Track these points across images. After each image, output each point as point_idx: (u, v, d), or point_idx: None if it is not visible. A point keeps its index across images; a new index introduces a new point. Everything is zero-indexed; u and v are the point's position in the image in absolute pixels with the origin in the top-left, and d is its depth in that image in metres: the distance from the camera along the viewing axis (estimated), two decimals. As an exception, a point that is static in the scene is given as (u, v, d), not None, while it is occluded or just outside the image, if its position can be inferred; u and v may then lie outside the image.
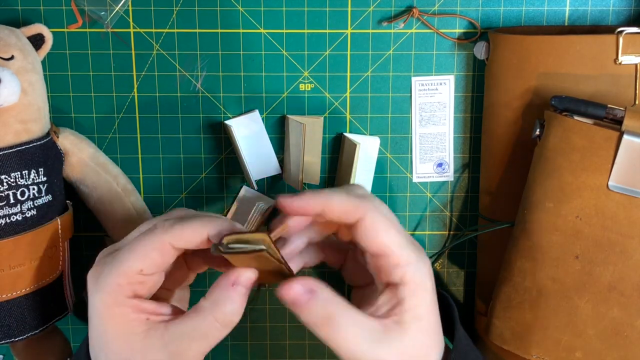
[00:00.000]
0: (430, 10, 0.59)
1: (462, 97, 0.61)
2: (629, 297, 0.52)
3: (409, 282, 0.43)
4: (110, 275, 0.42)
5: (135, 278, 0.42)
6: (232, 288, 0.42)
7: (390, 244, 0.43)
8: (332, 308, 0.42)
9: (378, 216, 0.43)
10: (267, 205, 0.62)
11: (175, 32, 0.59)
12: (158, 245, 0.42)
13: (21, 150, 0.52)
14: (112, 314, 0.42)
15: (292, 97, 0.61)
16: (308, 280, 0.42)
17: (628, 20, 0.60)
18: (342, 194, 0.44)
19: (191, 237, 0.42)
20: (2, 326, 0.53)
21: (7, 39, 0.53)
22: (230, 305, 0.42)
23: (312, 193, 0.44)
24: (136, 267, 0.42)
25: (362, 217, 0.43)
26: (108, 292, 0.42)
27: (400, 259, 0.43)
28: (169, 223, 0.43)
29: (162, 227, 0.43)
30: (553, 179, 0.52)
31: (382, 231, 0.43)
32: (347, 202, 0.43)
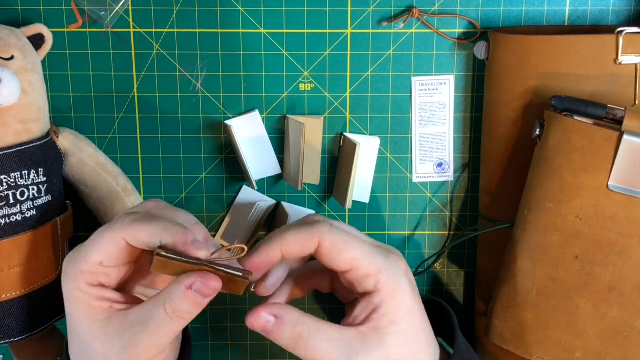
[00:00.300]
0: (430, 10, 0.59)
1: (462, 97, 0.61)
2: (629, 297, 0.52)
3: (383, 288, 0.44)
4: (74, 262, 0.43)
5: (96, 269, 0.43)
6: (186, 291, 0.42)
7: (354, 257, 0.43)
8: (300, 328, 0.43)
9: (334, 235, 0.43)
10: (267, 205, 0.62)
11: (175, 32, 0.59)
12: (115, 240, 0.43)
13: (21, 151, 0.52)
14: (76, 297, 0.43)
15: (292, 97, 0.61)
16: (272, 307, 0.43)
17: (628, 20, 0.60)
18: (293, 230, 0.44)
19: (145, 239, 0.42)
20: (2, 326, 0.53)
21: (7, 39, 0.53)
22: (181, 303, 0.42)
23: (265, 244, 0.45)
24: (96, 259, 0.43)
25: (319, 243, 0.43)
26: (72, 278, 0.43)
27: (368, 268, 0.43)
28: (129, 219, 0.43)
29: (122, 222, 0.43)
30: (553, 179, 0.52)
31: (342, 248, 0.43)
32: (299, 235, 0.44)
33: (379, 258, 0.44)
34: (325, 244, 0.43)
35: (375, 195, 0.63)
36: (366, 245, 0.44)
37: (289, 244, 0.44)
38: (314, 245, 0.44)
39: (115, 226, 0.43)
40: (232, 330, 0.66)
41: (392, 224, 0.64)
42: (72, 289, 0.43)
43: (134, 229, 0.42)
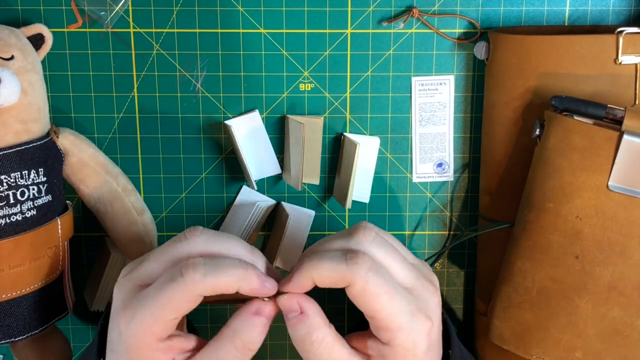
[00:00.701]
0: (430, 10, 0.59)
1: (462, 97, 0.61)
2: (629, 297, 0.52)
3: (397, 347, 0.42)
4: (143, 322, 0.41)
5: (169, 324, 0.42)
6: (253, 317, 0.42)
7: (378, 310, 0.42)
8: (316, 335, 0.43)
9: (368, 284, 0.41)
10: (267, 205, 0.62)
11: (175, 32, 0.59)
12: (192, 298, 0.41)
13: (21, 151, 0.52)
14: (143, 357, 0.42)
15: (292, 97, 0.61)
16: (306, 301, 0.43)
17: (628, 20, 0.60)
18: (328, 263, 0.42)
19: (222, 289, 0.42)
20: (2, 326, 0.53)
21: (7, 39, 0.53)
22: (249, 332, 0.42)
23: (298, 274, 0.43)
24: (171, 317, 0.42)
25: (350, 284, 0.42)
26: (141, 337, 0.42)
27: (389, 324, 0.42)
28: (200, 273, 0.41)
29: (193, 279, 0.41)
30: (553, 179, 0.52)
31: (370, 300, 0.42)
32: (333, 272, 0.42)
33: (404, 316, 0.42)
34: (355, 289, 0.41)
35: (375, 195, 0.63)
36: (396, 299, 0.42)
37: (322, 278, 0.42)
38: (346, 284, 0.42)
39: (187, 282, 0.41)
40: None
41: (392, 224, 0.64)
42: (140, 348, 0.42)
43: (210, 284, 0.41)
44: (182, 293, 0.41)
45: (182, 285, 0.41)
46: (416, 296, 0.44)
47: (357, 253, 0.42)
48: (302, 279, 0.43)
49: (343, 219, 0.64)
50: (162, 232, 0.63)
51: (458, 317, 0.67)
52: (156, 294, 0.42)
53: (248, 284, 0.42)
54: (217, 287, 0.41)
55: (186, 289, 0.41)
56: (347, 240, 0.44)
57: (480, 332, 0.62)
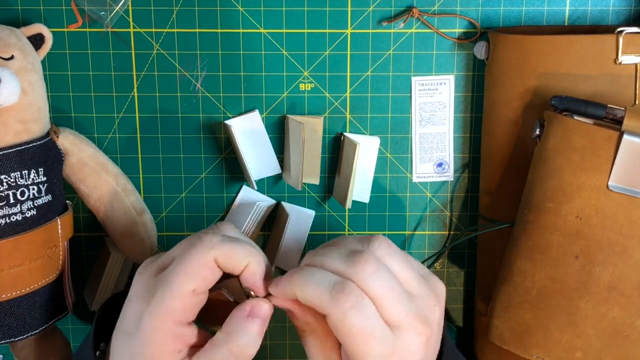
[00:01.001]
0: (430, 10, 0.59)
1: (462, 97, 0.61)
2: (629, 297, 0.52)
3: None
4: (163, 299, 0.41)
5: (189, 300, 0.41)
6: (247, 320, 0.42)
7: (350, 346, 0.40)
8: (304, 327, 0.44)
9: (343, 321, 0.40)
10: (267, 205, 0.62)
11: (175, 32, 0.59)
12: (207, 261, 0.41)
13: (21, 150, 0.52)
14: (154, 340, 0.41)
15: (292, 97, 0.61)
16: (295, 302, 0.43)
17: (628, 20, 0.60)
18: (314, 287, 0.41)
19: (236, 262, 0.41)
20: (2, 326, 0.53)
21: (7, 38, 0.53)
22: (245, 337, 0.41)
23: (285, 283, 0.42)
24: (189, 288, 0.41)
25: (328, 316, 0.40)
26: (159, 316, 0.41)
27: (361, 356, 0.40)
28: (216, 239, 0.41)
29: (209, 242, 0.41)
30: (553, 179, 0.52)
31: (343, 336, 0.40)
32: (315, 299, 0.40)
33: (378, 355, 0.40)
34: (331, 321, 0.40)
35: (375, 195, 0.63)
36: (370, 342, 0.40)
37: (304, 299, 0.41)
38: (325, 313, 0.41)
39: (203, 246, 0.41)
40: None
41: (392, 224, 0.64)
42: (155, 329, 0.41)
43: (226, 249, 0.41)
44: (198, 256, 0.41)
45: (199, 247, 0.41)
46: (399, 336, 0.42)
47: (344, 287, 0.40)
48: (287, 290, 0.42)
49: (343, 219, 0.64)
50: (162, 232, 0.63)
51: (458, 317, 0.67)
52: (175, 265, 0.41)
53: (258, 265, 0.42)
54: (231, 256, 0.41)
55: (203, 250, 0.41)
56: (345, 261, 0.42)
57: (480, 332, 0.62)
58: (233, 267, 0.42)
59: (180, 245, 0.43)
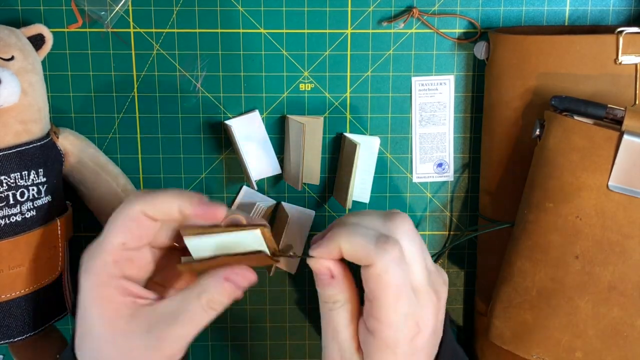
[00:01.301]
0: (430, 10, 0.59)
1: (462, 97, 0.61)
2: (629, 297, 0.52)
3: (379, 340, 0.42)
4: (95, 254, 0.43)
5: (120, 254, 0.43)
6: (224, 281, 0.43)
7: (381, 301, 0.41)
8: (340, 297, 0.43)
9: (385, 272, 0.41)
10: (267, 205, 0.62)
11: (175, 32, 0.59)
12: (132, 214, 0.42)
13: (21, 151, 0.52)
14: (98, 295, 0.43)
15: (292, 97, 0.61)
16: (335, 266, 0.43)
17: (628, 20, 0.60)
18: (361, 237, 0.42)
19: (162, 207, 0.42)
20: (2, 326, 0.53)
21: (7, 39, 0.53)
22: (218, 295, 0.42)
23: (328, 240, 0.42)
24: (117, 241, 0.42)
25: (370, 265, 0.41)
26: (94, 272, 0.42)
27: (382, 317, 0.42)
28: (142, 193, 0.43)
29: (135, 196, 0.43)
30: (553, 179, 0.52)
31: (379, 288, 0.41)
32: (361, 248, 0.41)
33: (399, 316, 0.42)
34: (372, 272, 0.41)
35: (375, 195, 0.63)
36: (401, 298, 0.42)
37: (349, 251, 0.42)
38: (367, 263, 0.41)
39: (129, 202, 0.43)
40: (232, 330, 0.66)
41: (392, 224, 0.64)
42: (95, 285, 0.43)
43: (149, 199, 0.42)
44: (124, 211, 0.42)
45: (123, 206, 0.43)
46: (417, 301, 0.44)
47: (388, 239, 0.42)
48: (331, 245, 0.43)
49: (343, 219, 0.64)
50: (162, 232, 0.63)
51: (458, 317, 0.67)
52: (105, 226, 0.43)
53: (187, 198, 0.42)
54: (157, 202, 0.42)
55: (127, 207, 0.42)
56: (383, 222, 0.44)
57: (480, 332, 0.62)
58: (163, 213, 0.43)
59: None
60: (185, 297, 0.43)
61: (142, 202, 0.43)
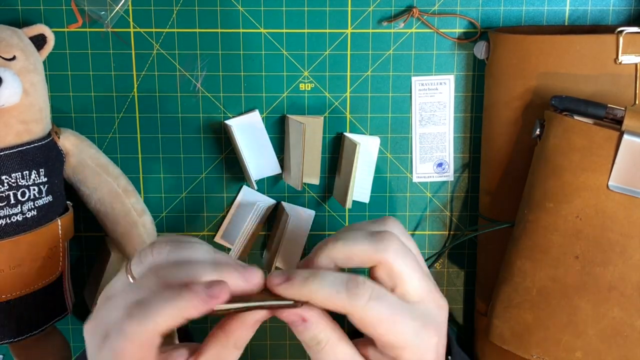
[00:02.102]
0: (430, 10, 0.59)
1: (462, 97, 0.61)
2: (629, 297, 0.52)
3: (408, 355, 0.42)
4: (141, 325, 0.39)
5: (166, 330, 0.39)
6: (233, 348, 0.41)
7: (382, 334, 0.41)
8: (322, 336, 0.42)
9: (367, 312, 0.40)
10: (267, 205, 0.62)
11: (175, 32, 0.59)
12: (193, 312, 0.38)
13: (22, 151, 0.52)
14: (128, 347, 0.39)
15: (292, 97, 0.61)
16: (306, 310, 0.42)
17: (628, 20, 0.60)
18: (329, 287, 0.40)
19: (160, 329, 0.39)
20: (2, 326, 0.53)
21: (9, 39, 0.53)
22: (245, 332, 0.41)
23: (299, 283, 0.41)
24: (170, 326, 0.39)
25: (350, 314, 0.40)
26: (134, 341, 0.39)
27: (395, 344, 0.41)
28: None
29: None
30: (553, 179, 0.52)
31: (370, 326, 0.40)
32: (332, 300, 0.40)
33: (410, 334, 0.41)
34: (355, 318, 0.40)
35: (375, 195, 0.63)
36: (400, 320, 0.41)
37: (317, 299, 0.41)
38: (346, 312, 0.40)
39: (193, 301, 0.38)
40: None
41: (392, 223, 0.64)
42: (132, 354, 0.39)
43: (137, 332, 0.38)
44: (184, 308, 0.38)
45: (186, 300, 0.38)
46: (424, 310, 0.43)
47: (357, 281, 0.40)
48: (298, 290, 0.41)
49: (343, 219, 0.64)
50: (162, 233, 0.63)
51: (458, 317, 0.67)
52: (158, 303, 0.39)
53: (189, 311, 0.39)
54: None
55: (189, 305, 0.38)
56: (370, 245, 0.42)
57: (480, 332, 0.62)
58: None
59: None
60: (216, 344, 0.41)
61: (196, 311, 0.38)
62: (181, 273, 0.40)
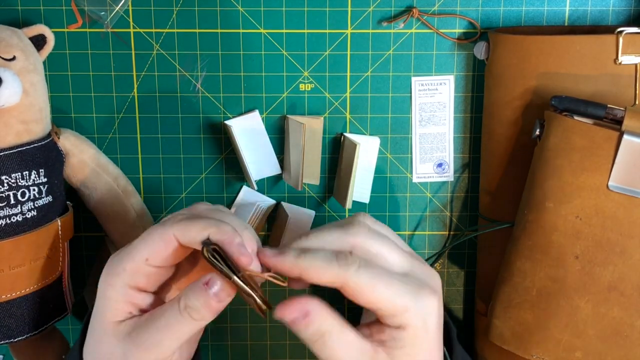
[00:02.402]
0: (430, 10, 0.59)
1: (462, 97, 0.61)
2: (629, 297, 0.52)
3: (407, 327, 0.42)
4: (118, 260, 0.44)
5: (141, 267, 0.43)
6: (203, 286, 0.41)
7: (379, 299, 0.42)
8: (325, 327, 0.42)
9: (360, 278, 0.41)
10: (267, 205, 0.62)
11: (175, 32, 0.59)
12: (165, 236, 0.43)
13: (22, 151, 0.52)
14: (105, 295, 0.44)
15: (292, 97, 0.61)
16: (305, 302, 0.42)
17: (628, 20, 0.60)
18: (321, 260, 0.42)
19: (194, 235, 0.42)
20: (2, 326, 0.53)
21: (9, 39, 0.53)
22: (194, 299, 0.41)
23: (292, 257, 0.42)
24: (142, 255, 0.43)
25: (344, 284, 0.41)
26: (113, 275, 0.43)
27: (394, 309, 0.42)
28: (179, 217, 0.44)
29: (172, 219, 0.44)
30: (553, 179, 0.52)
31: (367, 292, 0.41)
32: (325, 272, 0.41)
33: (407, 296, 0.42)
34: (349, 287, 0.41)
35: (375, 195, 0.63)
36: (394, 284, 0.42)
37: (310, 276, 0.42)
38: (338, 285, 0.42)
39: (165, 223, 0.44)
40: (232, 330, 0.66)
41: (392, 224, 0.64)
42: (109, 285, 0.44)
43: (183, 225, 0.43)
44: (158, 230, 0.43)
45: (159, 225, 0.44)
46: (415, 278, 0.44)
47: (344, 254, 0.42)
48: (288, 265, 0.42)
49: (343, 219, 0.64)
50: (162, 232, 0.63)
51: (458, 317, 0.67)
52: (140, 235, 0.44)
53: (220, 232, 0.42)
54: (190, 230, 0.43)
55: (161, 228, 0.43)
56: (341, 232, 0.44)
57: (480, 332, 0.62)
58: (190, 239, 0.43)
59: None
60: (169, 304, 0.43)
61: (175, 227, 0.43)
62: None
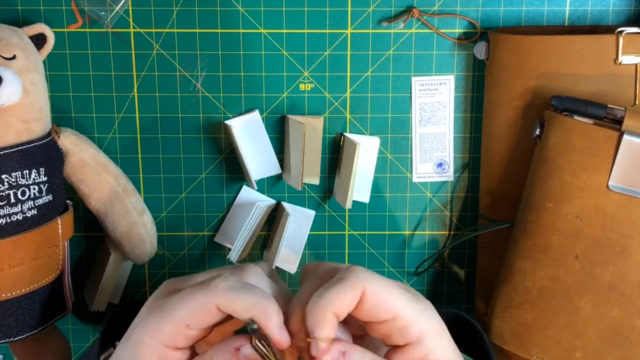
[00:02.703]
0: (430, 10, 0.59)
1: (462, 97, 0.61)
2: (629, 297, 0.52)
3: (429, 331, 0.42)
4: (158, 320, 0.42)
5: (181, 331, 0.42)
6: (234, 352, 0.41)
7: (396, 304, 0.42)
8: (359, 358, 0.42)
9: (376, 284, 0.41)
10: (267, 205, 0.62)
11: (175, 32, 0.59)
12: (207, 306, 0.41)
13: (22, 150, 0.52)
14: (139, 350, 0.42)
15: (292, 97, 0.61)
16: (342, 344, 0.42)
17: (628, 20, 0.60)
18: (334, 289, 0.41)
19: (238, 312, 0.41)
20: (2, 325, 0.53)
21: (9, 38, 0.53)
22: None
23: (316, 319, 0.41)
24: (184, 321, 0.41)
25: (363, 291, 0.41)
26: (149, 332, 0.42)
27: (412, 318, 0.42)
28: (226, 285, 0.42)
29: (216, 288, 0.42)
30: (553, 179, 0.52)
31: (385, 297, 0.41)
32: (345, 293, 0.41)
33: (416, 304, 0.42)
34: (369, 293, 0.41)
35: (375, 195, 0.63)
36: (403, 292, 0.42)
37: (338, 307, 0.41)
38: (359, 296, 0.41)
39: (209, 290, 0.42)
40: (232, 330, 0.66)
41: (392, 224, 0.64)
42: (144, 343, 0.42)
43: (229, 298, 0.41)
44: (201, 298, 0.41)
45: (205, 290, 0.41)
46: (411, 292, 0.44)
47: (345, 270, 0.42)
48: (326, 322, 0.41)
49: (343, 219, 0.64)
50: (162, 232, 0.63)
51: (458, 317, 0.67)
52: (181, 296, 0.42)
53: (264, 315, 0.41)
54: (235, 304, 0.41)
55: (206, 294, 0.41)
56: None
57: (480, 332, 0.62)
58: (233, 312, 0.41)
59: (201, 275, 0.45)
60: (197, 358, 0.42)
61: (219, 297, 0.41)
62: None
